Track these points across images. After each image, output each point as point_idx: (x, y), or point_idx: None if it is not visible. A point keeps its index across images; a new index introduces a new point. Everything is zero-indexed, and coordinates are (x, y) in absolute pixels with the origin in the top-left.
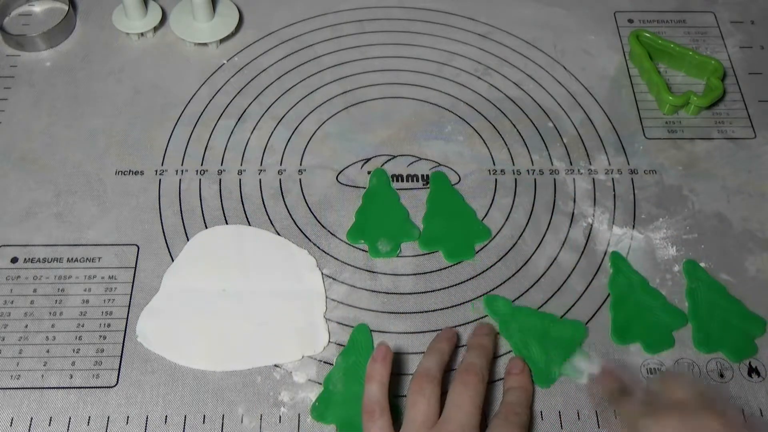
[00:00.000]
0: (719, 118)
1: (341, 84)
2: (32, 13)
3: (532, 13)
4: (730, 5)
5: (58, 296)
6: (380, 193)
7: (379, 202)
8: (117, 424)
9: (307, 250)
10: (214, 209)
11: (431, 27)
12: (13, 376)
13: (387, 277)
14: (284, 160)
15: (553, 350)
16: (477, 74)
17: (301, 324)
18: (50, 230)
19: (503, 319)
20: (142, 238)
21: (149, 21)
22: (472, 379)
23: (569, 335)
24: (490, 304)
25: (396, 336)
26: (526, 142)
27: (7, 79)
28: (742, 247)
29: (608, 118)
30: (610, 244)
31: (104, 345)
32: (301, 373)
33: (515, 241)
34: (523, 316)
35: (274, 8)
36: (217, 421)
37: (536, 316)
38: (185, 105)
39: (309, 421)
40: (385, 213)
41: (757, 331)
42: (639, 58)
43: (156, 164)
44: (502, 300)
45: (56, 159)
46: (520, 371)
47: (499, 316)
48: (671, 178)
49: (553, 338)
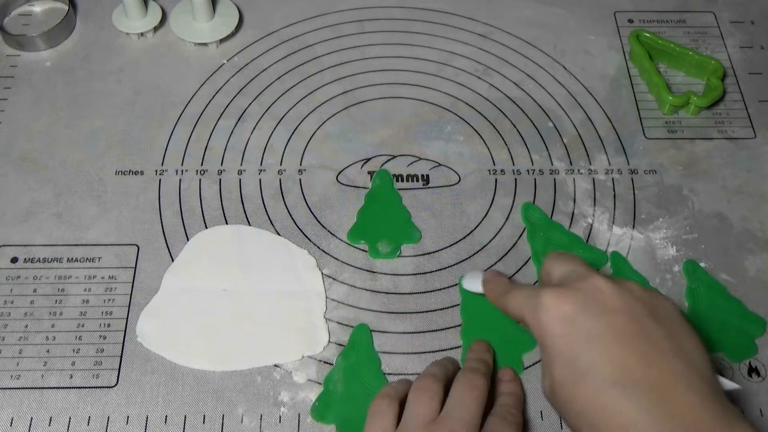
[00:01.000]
0: (719, 118)
1: (341, 84)
2: (32, 13)
3: (532, 13)
4: (730, 5)
5: (58, 296)
6: (382, 195)
7: (381, 204)
8: (117, 424)
9: (307, 250)
10: (214, 209)
11: (431, 27)
12: (13, 376)
13: (387, 277)
14: (284, 160)
15: None
16: (477, 74)
17: (301, 324)
18: (50, 230)
19: (533, 227)
20: (142, 238)
21: (149, 21)
22: (478, 380)
23: (589, 260)
24: (526, 211)
25: (396, 336)
26: (526, 142)
27: (7, 79)
28: (742, 247)
29: (608, 118)
30: (610, 244)
31: (104, 345)
32: (301, 373)
33: (515, 241)
34: (555, 230)
35: (274, 8)
36: (217, 421)
37: (566, 235)
38: (185, 105)
39: (309, 421)
40: (386, 214)
41: (757, 331)
42: (639, 58)
43: (156, 164)
44: (539, 210)
45: (56, 159)
46: (511, 378)
47: (532, 224)
48: (671, 178)
49: None
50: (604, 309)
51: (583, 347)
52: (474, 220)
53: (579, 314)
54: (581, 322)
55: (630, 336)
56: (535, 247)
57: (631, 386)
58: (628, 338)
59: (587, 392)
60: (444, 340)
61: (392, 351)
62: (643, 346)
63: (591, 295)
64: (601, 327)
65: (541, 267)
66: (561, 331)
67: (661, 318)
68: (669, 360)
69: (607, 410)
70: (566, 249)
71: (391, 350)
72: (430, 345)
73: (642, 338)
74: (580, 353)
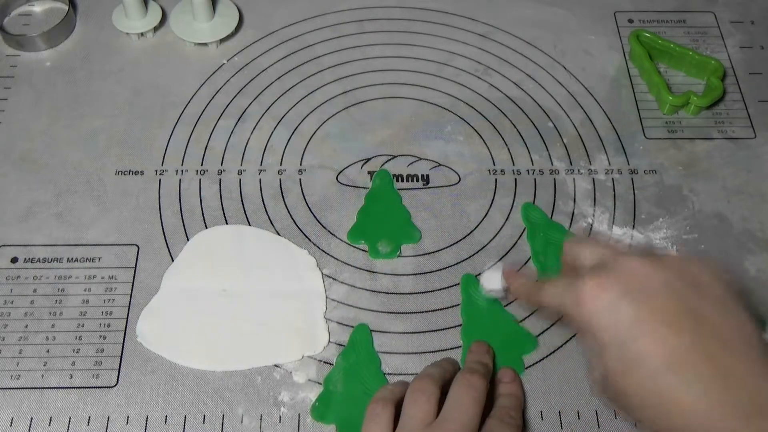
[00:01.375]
0: (719, 118)
1: (341, 84)
2: (32, 13)
3: (532, 13)
4: (730, 5)
5: (58, 296)
6: (383, 195)
7: (381, 204)
8: (117, 424)
9: (307, 250)
10: (214, 209)
11: (431, 27)
12: (13, 376)
13: (387, 277)
14: (284, 160)
15: None
16: (477, 74)
17: (301, 324)
18: (50, 230)
19: (533, 227)
20: (142, 238)
21: (149, 21)
22: (476, 381)
23: None
24: (526, 211)
25: (396, 336)
26: (526, 142)
27: (7, 79)
28: (742, 247)
29: (608, 118)
30: None
31: (104, 345)
32: (301, 373)
33: (515, 241)
34: (554, 230)
35: (274, 8)
36: (217, 421)
37: (566, 235)
38: (185, 105)
39: (309, 421)
40: (386, 214)
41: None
42: (639, 58)
43: (156, 164)
44: (539, 210)
45: (56, 159)
46: (511, 380)
47: (531, 223)
48: (671, 178)
49: None
50: (646, 291)
51: (632, 334)
52: (474, 220)
53: (621, 300)
54: (625, 308)
55: (676, 315)
56: (534, 247)
57: (685, 369)
58: (674, 319)
59: (641, 381)
60: (444, 340)
61: (392, 351)
62: (690, 324)
63: (630, 278)
64: (645, 311)
65: (561, 255)
66: (607, 321)
67: (703, 288)
68: (718, 332)
69: (664, 398)
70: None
71: (391, 350)
72: (430, 345)
73: (688, 315)
74: (629, 341)
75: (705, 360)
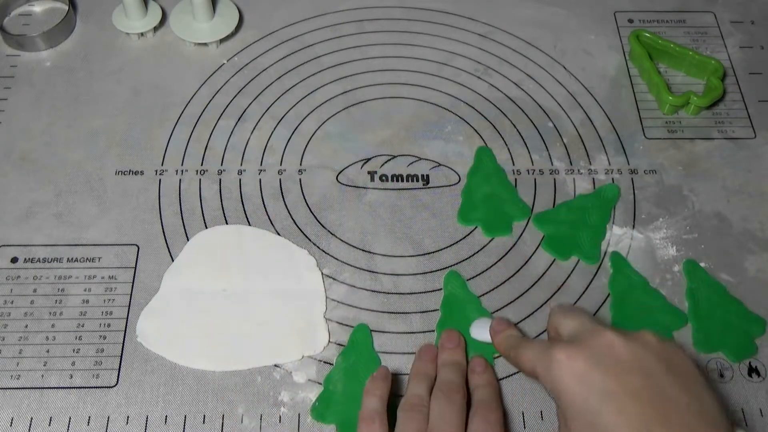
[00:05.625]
0: (719, 118)
1: (341, 84)
2: (32, 13)
3: (532, 13)
4: (730, 5)
5: (58, 296)
6: (488, 172)
7: (489, 180)
8: (117, 424)
9: (307, 250)
10: (214, 209)
11: (431, 27)
12: (13, 376)
13: (387, 277)
14: (284, 160)
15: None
16: (477, 74)
17: (301, 324)
18: (50, 230)
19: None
20: (142, 238)
21: (149, 21)
22: (455, 396)
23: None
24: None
25: (396, 336)
26: (526, 142)
27: (7, 79)
28: (742, 247)
29: (608, 118)
30: (610, 244)
31: (104, 345)
32: (301, 373)
33: (515, 241)
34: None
35: (274, 8)
36: (217, 421)
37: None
38: (185, 105)
39: (309, 421)
40: (494, 191)
41: (757, 331)
42: (639, 58)
43: (156, 164)
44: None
45: (56, 159)
46: (483, 369)
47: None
48: (671, 178)
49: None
50: (618, 365)
51: (600, 406)
52: None
53: (593, 371)
54: (596, 380)
55: (646, 394)
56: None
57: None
58: (644, 396)
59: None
60: None
61: (392, 351)
62: (660, 405)
63: (603, 351)
64: (616, 384)
65: (548, 322)
66: (576, 389)
67: (677, 371)
68: (687, 418)
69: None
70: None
71: (391, 350)
72: None
73: (659, 396)
74: (598, 413)
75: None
